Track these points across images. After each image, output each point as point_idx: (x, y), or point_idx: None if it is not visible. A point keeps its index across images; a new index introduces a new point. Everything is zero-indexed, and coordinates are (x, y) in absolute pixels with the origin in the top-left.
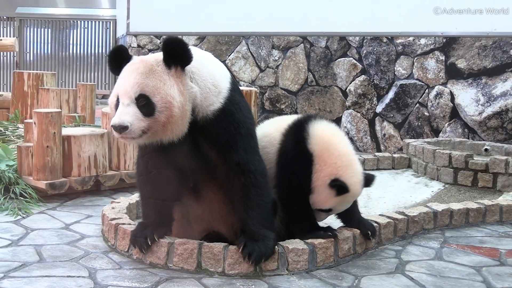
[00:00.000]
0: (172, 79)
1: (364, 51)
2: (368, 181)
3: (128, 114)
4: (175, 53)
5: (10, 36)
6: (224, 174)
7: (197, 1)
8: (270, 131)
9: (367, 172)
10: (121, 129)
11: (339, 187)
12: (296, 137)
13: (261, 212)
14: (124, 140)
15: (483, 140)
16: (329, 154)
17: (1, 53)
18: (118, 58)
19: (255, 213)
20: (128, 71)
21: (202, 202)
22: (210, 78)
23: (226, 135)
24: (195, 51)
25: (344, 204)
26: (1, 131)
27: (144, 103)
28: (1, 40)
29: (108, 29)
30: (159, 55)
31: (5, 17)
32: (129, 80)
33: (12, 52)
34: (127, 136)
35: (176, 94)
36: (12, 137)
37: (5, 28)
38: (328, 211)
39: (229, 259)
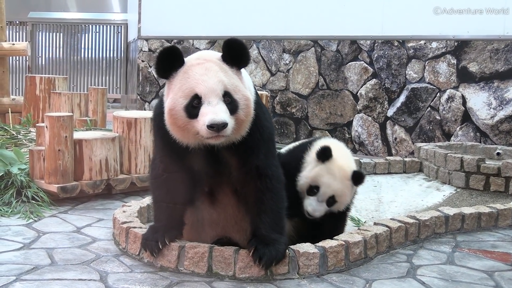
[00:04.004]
0: (238, 78)
1: (375, 55)
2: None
3: (223, 112)
4: (237, 53)
5: (22, 41)
6: (241, 177)
7: (208, 5)
8: None
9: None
10: (223, 127)
11: (324, 151)
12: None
13: (273, 217)
14: (216, 139)
15: (495, 144)
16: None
17: (14, 57)
18: (170, 59)
19: (268, 217)
20: (201, 70)
21: (217, 206)
22: (247, 80)
23: (250, 139)
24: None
25: (324, 178)
26: (13, 134)
27: (230, 101)
28: (14, 44)
29: (119, 33)
30: (215, 54)
31: (17, 22)
32: (209, 79)
33: (24, 57)
34: (223, 135)
35: (247, 92)
36: (24, 140)
37: (17, 33)
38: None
39: (239, 262)
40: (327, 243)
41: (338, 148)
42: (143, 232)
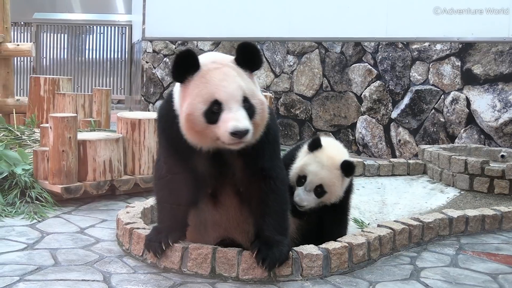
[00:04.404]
0: (252, 82)
1: (379, 57)
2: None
3: (244, 118)
4: (251, 57)
5: (27, 42)
6: (245, 178)
7: (212, 6)
8: None
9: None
10: (246, 133)
11: (313, 141)
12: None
13: (277, 219)
14: (237, 145)
15: (500, 146)
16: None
17: (18, 58)
18: (187, 63)
19: (272, 219)
20: (220, 75)
21: (219, 208)
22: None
23: (257, 141)
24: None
25: (311, 166)
26: (18, 135)
27: (248, 106)
28: (18, 45)
29: (123, 34)
30: (228, 57)
31: (22, 23)
32: (229, 84)
33: (29, 57)
34: (244, 141)
35: (262, 96)
36: (28, 141)
37: (22, 34)
38: (304, 180)
39: (243, 264)
40: (331, 245)
41: (331, 142)
42: (147, 233)
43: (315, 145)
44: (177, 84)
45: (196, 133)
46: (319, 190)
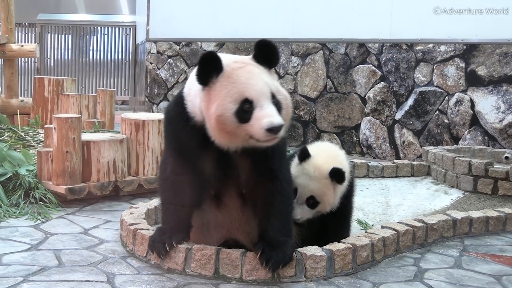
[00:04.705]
0: (273, 78)
1: (384, 58)
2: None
3: (277, 114)
4: (269, 54)
5: (31, 42)
6: (251, 179)
7: (216, 7)
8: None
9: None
10: (280, 128)
11: (301, 151)
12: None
13: (282, 220)
14: (271, 142)
15: (504, 148)
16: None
17: (22, 59)
18: (211, 65)
19: (276, 220)
20: (246, 73)
21: (222, 209)
22: None
23: None
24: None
25: (299, 179)
26: (22, 136)
27: (276, 102)
28: (23, 46)
29: (128, 35)
30: (246, 57)
31: (26, 24)
32: (257, 82)
33: (33, 58)
34: (278, 136)
35: (286, 91)
36: (32, 142)
37: (26, 34)
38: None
39: (246, 265)
40: (334, 246)
41: (322, 148)
42: (150, 234)
43: (303, 156)
44: (194, 87)
45: (227, 133)
46: (312, 202)
